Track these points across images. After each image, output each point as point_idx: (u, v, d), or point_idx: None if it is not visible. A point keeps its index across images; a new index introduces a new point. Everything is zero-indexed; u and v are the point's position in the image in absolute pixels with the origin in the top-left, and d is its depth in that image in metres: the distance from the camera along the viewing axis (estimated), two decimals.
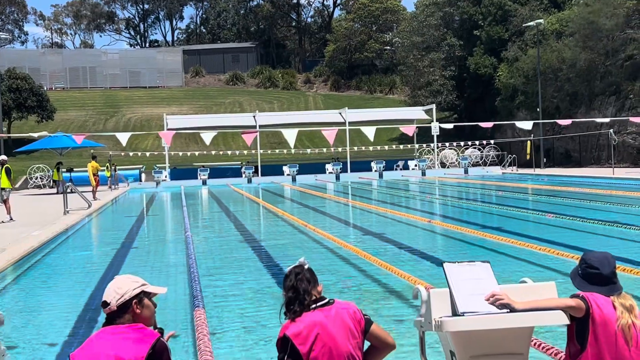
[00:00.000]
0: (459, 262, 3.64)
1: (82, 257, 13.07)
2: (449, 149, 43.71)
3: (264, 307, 7.91)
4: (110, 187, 34.76)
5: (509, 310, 3.42)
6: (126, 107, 65.93)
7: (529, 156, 38.73)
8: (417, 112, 46.04)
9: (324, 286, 3.63)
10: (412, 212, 18.66)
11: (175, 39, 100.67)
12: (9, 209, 18.93)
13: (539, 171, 36.18)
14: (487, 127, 36.53)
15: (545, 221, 14.94)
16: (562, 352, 5.07)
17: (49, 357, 6.40)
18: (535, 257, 10.27)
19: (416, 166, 40.53)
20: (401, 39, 58.74)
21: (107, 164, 35.76)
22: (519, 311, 3.41)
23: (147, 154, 43.38)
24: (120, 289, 3.15)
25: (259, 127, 40.50)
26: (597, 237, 12.49)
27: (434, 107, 43.71)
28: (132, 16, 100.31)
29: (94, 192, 27.88)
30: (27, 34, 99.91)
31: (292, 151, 39.59)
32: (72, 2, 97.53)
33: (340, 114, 44.66)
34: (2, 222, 18.21)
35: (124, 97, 69.87)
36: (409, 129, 40.25)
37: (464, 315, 3.40)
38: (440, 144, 42.20)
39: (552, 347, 5.38)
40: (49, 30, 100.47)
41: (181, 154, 43.58)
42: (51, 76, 72.94)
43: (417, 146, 45.34)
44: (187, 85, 77.33)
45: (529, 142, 38.95)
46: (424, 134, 46.42)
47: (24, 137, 43.34)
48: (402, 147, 46.44)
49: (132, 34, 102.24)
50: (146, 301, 3.18)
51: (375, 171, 38.72)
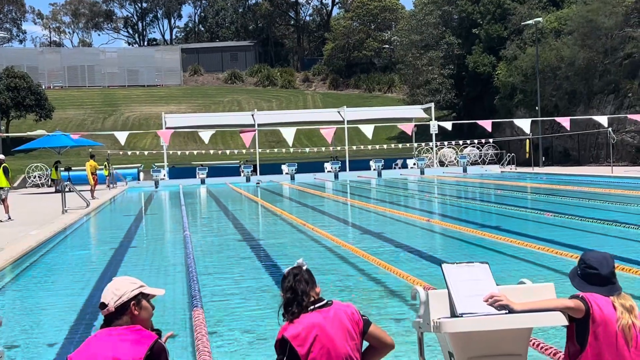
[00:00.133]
0: (457, 263, 3.63)
1: (81, 256, 13.05)
2: (448, 148, 43.70)
3: (262, 306, 7.91)
4: (108, 186, 34.74)
5: (507, 311, 3.42)
6: (124, 106, 65.88)
7: (529, 155, 38.76)
8: (416, 111, 46.04)
9: (322, 284, 3.62)
10: (410, 211, 18.66)
11: (173, 37, 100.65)
12: (7, 208, 18.94)
13: (537, 170, 36.21)
14: (486, 125, 36.52)
15: (543, 220, 14.95)
16: (560, 351, 5.06)
17: (47, 356, 6.39)
18: (533, 256, 10.27)
19: (415, 165, 40.54)
20: (400, 37, 58.74)
21: (105, 163, 35.76)
22: (518, 312, 3.41)
23: (146, 153, 43.34)
24: (118, 291, 3.14)
25: (258, 126, 40.50)
26: (595, 236, 12.49)
27: (433, 105, 43.75)
28: (130, 15, 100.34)
29: (92, 191, 27.85)
30: (26, 32, 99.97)
31: (291, 150, 39.57)
32: (71, 1, 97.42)
33: (338, 112, 44.64)
34: (1, 221, 18.22)
35: (122, 95, 69.83)
36: (408, 126, 40.30)
37: (462, 316, 3.39)
38: (439, 143, 42.19)
39: (551, 347, 5.38)
40: (47, 28, 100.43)
41: (179, 152, 43.54)
42: (49, 75, 72.87)
43: (415, 145, 45.33)
44: (185, 83, 77.27)
45: (528, 140, 38.98)
46: (422, 132, 46.42)
47: (22, 136, 43.33)
48: (400, 145, 46.44)
49: (131, 32, 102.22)
50: (144, 303, 3.17)
51: (374, 170, 38.70)
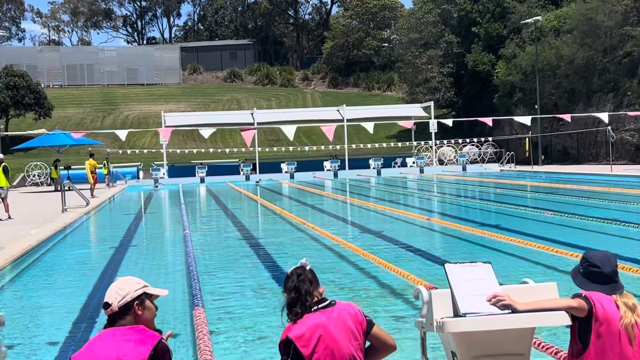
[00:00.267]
0: (460, 263, 3.63)
1: (81, 255, 13.06)
2: (447, 146, 43.70)
3: (263, 305, 7.91)
4: (107, 185, 34.74)
5: (510, 311, 3.42)
6: (124, 105, 65.83)
7: (528, 153, 38.76)
8: (415, 109, 46.01)
9: (321, 283, 3.61)
10: (410, 210, 18.66)
11: (172, 36, 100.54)
12: (7, 207, 18.93)
13: (537, 168, 36.21)
14: (486, 123, 36.52)
15: (543, 218, 14.94)
16: (562, 351, 5.07)
17: (48, 356, 6.39)
18: (532, 254, 10.27)
19: (414, 163, 40.53)
20: (399, 36, 58.71)
21: (105, 162, 35.76)
22: (521, 312, 3.41)
23: (145, 152, 43.31)
24: (122, 290, 3.14)
25: (257, 125, 40.47)
26: (595, 235, 12.49)
27: (432, 104, 43.74)
28: (129, 13, 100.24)
29: (91, 189, 27.85)
30: (25, 31, 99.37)
31: (290, 148, 39.56)
32: None
33: (338, 111, 44.61)
34: (1, 220, 18.21)
35: (121, 94, 69.77)
36: (407, 122, 40.37)
37: (465, 316, 3.39)
38: (438, 141, 42.20)
39: (553, 347, 5.38)
40: (46, 27, 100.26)
41: (179, 151, 43.51)
42: (48, 73, 72.79)
43: (415, 143, 45.34)
44: (184, 82, 77.22)
45: (528, 139, 38.99)
46: (422, 131, 46.42)
47: (21, 134, 43.29)
48: (400, 144, 46.44)
49: (130, 31, 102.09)
50: (148, 303, 3.17)
51: (373, 168, 38.68)
